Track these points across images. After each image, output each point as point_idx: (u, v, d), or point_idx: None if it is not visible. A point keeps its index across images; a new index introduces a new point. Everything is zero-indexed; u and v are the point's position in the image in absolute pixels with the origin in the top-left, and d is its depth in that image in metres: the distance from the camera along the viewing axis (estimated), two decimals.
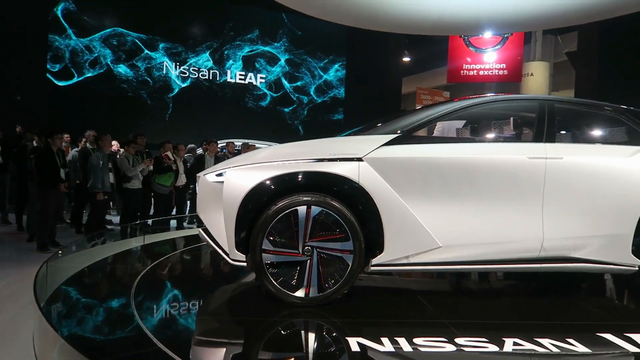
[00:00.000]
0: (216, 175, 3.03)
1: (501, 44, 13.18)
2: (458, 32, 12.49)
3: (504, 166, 3.04)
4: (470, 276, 4.11)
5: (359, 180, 2.87)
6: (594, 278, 4.08)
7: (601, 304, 3.52)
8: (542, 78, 14.59)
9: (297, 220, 2.86)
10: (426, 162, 2.98)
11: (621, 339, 2.60)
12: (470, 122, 3.68)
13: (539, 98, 3.58)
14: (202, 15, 14.40)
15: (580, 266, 3.14)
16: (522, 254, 3.06)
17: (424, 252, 2.94)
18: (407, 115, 3.52)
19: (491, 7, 9.27)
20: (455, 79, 14.03)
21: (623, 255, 3.12)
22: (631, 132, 3.40)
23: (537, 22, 10.44)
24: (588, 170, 3.12)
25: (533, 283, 4.00)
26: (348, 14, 10.00)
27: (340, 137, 3.20)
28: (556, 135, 3.25)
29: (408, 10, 9.47)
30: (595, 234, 3.10)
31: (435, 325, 2.75)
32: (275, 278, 2.87)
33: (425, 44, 16.80)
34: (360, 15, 10.08)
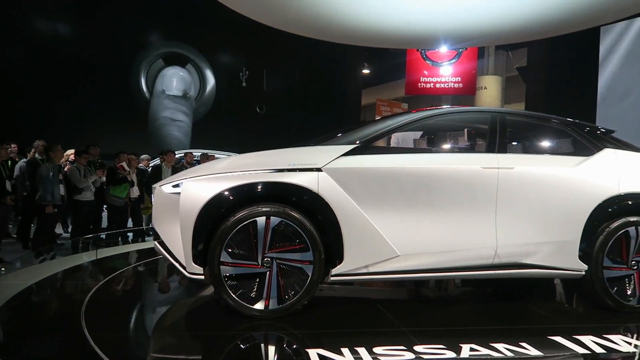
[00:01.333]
0: (172, 186, 2.96)
1: (456, 58, 13.65)
2: (415, 46, 12.85)
3: (459, 176, 3.13)
4: (429, 284, 4.18)
5: (318, 191, 2.87)
6: (545, 283, 4.24)
7: (552, 308, 3.66)
8: (495, 91, 15.20)
9: (256, 231, 2.82)
10: (384, 172, 3.02)
11: (570, 341, 2.71)
12: (427, 132, 3.78)
13: (491, 110, 3.72)
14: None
15: (531, 272, 3.26)
16: (477, 261, 3.15)
17: (383, 261, 2.97)
18: (365, 125, 3.57)
19: (446, 22, 9.60)
20: (413, 91, 14.40)
21: (571, 260, 3.26)
22: (576, 143, 3.58)
23: (489, 38, 10.90)
24: (537, 180, 3.26)
25: (488, 289, 4.11)
26: (307, 25, 10.10)
27: (300, 148, 3.20)
28: (507, 146, 3.38)
29: (366, 24, 9.67)
30: (545, 241, 3.22)
31: (394, 333, 2.77)
32: (234, 291, 2.81)
33: (384, 57, 17.17)
34: (320, 28, 10.21)
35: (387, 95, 19.78)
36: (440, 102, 15.17)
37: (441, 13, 8.94)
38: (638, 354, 2.65)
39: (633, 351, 2.66)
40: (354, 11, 9.09)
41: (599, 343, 2.70)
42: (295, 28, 10.62)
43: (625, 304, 3.29)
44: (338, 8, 8.95)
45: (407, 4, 8.68)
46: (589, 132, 3.60)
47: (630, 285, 3.32)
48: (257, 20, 10.67)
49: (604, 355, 2.59)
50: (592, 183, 3.33)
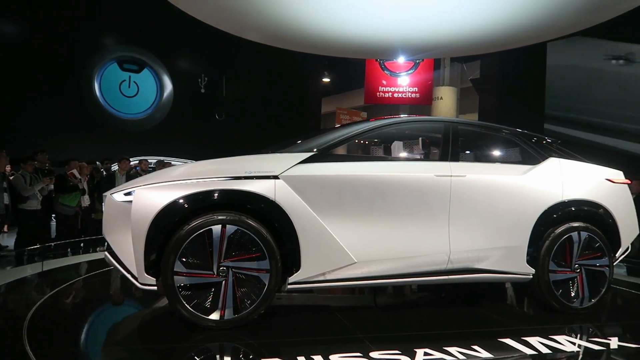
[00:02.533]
0: (124, 194, 2.87)
1: (413, 69, 14.00)
2: (374, 56, 13.09)
3: (414, 183, 3.20)
4: (387, 290, 4.24)
5: (275, 198, 2.86)
6: (496, 287, 4.39)
7: (502, 311, 3.79)
8: (450, 102, 15.66)
9: (212, 240, 2.78)
10: (341, 180, 3.04)
11: (519, 342, 2.81)
12: (383, 141, 3.85)
13: (445, 120, 3.83)
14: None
15: (483, 276, 3.37)
16: (432, 266, 3.22)
17: (340, 269, 2.99)
18: (323, 133, 3.59)
19: (403, 34, 9.84)
20: (372, 100, 14.64)
21: (519, 265, 3.40)
22: (524, 153, 3.75)
23: (444, 50, 11.27)
24: (488, 187, 3.38)
25: (443, 294, 4.21)
26: (267, 33, 10.10)
27: (257, 155, 3.18)
28: (460, 155, 3.49)
29: (326, 33, 9.77)
30: (495, 246, 3.34)
31: (351, 340, 2.78)
32: (188, 301, 2.75)
33: (344, 66, 17.37)
34: (279, 36, 10.23)
35: (347, 104, 20.01)
36: (399, 112, 15.50)
37: (398, 24, 9.16)
38: (582, 353, 2.78)
39: (577, 350, 2.79)
40: (314, 20, 9.17)
41: (545, 344, 2.82)
42: (254, 35, 10.59)
43: (570, 306, 3.45)
44: (297, 17, 9.01)
45: (365, 14, 8.84)
46: (536, 142, 3.78)
47: (573, 288, 3.49)
48: (216, 26, 10.56)
49: (550, 355, 2.70)
50: (539, 190, 3.49)
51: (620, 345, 2.90)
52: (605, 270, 3.55)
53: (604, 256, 3.54)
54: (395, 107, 15.84)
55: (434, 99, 15.11)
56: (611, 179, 3.76)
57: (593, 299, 3.50)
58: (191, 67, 15.23)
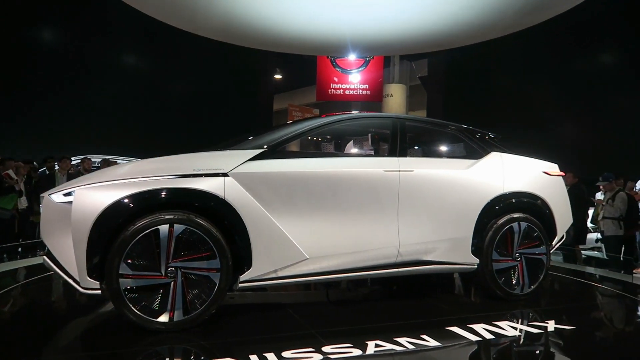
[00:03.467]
0: (63, 194, 2.73)
1: (364, 66, 14.20)
2: (325, 53, 13.16)
3: (364, 179, 3.25)
4: (340, 284, 4.28)
5: (224, 196, 2.82)
6: (445, 277, 4.54)
7: (450, 300, 3.93)
8: (400, 99, 16.02)
9: (159, 240, 2.70)
10: (291, 177, 3.04)
11: (465, 330, 2.93)
12: (333, 137, 3.88)
13: (392, 116, 3.91)
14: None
15: (431, 268, 3.47)
16: (382, 260, 3.29)
17: (292, 265, 2.99)
18: (273, 130, 3.58)
19: (353, 31, 9.95)
20: (324, 97, 14.73)
21: (465, 255, 3.53)
22: (468, 147, 3.89)
23: (393, 47, 11.50)
24: (434, 181, 3.49)
25: (394, 287, 4.31)
26: (216, 28, 9.91)
27: (205, 153, 3.12)
28: (408, 150, 3.57)
29: (276, 29, 9.71)
30: (443, 238, 3.46)
31: (304, 336, 2.79)
32: (135, 304, 2.66)
33: (296, 63, 17.35)
34: (229, 31, 10.07)
35: (299, 101, 20.00)
36: (351, 108, 15.67)
37: (348, 22, 9.25)
38: (522, 337, 2.93)
39: (518, 335, 2.94)
40: (264, 16, 9.09)
41: (489, 330, 2.95)
42: (204, 31, 10.36)
43: (512, 293, 3.63)
44: (247, 12, 8.90)
45: (316, 11, 8.86)
46: (480, 138, 3.93)
47: (515, 276, 3.67)
48: (165, 21, 10.25)
49: (494, 340, 2.83)
50: (482, 183, 3.64)
51: (556, 327, 3.08)
52: (543, 257, 3.76)
53: (542, 245, 3.75)
54: (347, 104, 16.01)
55: (384, 96, 15.40)
56: (547, 171, 3.98)
57: (532, 286, 3.70)
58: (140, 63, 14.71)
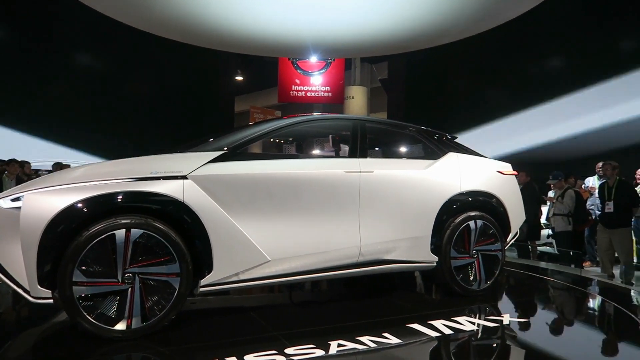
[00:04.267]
0: (11, 200, 2.60)
1: (325, 68, 14.29)
2: (286, 55, 13.15)
3: (325, 180, 3.27)
4: (303, 285, 4.28)
5: (183, 199, 2.77)
6: (407, 275, 4.63)
7: (411, 298, 4.01)
8: (361, 101, 16.22)
9: (115, 245, 2.62)
10: (252, 178, 3.03)
11: (425, 326, 2.99)
12: (295, 139, 3.88)
13: (353, 118, 3.96)
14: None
15: (392, 267, 3.54)
16: (344, 260, 3.32)
17: (254, 268, 2.97)
18: (234, 132, 3.55)
19: (314, 33, 10.00)
20: (285, 99, 14.71)
21: (424, 253, 3.62)
22: (426, 148, 3.99)
23: (353, 50, 11.64)
24: (394, 182, 3.55)
25: (357, 286, 4.35)
26: (174, 28, 9.71)
27: (163, 155, 3.05)
28: (368, 151, 3.62)
29: (236, 30, 9.63)
30: (403, 237, 3.53)
31: (266, 339, 2.78)
32: (90, 312, 2.56)
33: (257, 64, 17.24)
34: (187, 31, 9.89)
35: (261, 103, 19.89)
36: (313, 110, 15.73)
37: (309, 24, 9.29)
38: (480, 331, 3.03)
39: (475, 329, 3.04)
40: (223, 17, 8.99)
41: (448, 325, 3.03)
42: (160, 30, 10.13)
43: (469, 289, 3.75)
44: (205, 13, 8.77)
45: (276, 12, 8.84)
46: (437, 139, 4.04)
47: (472, 272, 3.78)
48: (119, 20, 9.96)
49: (453, 336, 2.91)
50: (440, 183, 3.74)
51: (511, 320, 3.21)
52: (499, 254, 3.89)
53: (497, 241, 3.89)
54: (309, 106, 16.06)
55: (346, 98, 15.54)
56: (501, 171, 4.13)
57: (489, 281, 3.83)
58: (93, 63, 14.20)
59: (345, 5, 8.27)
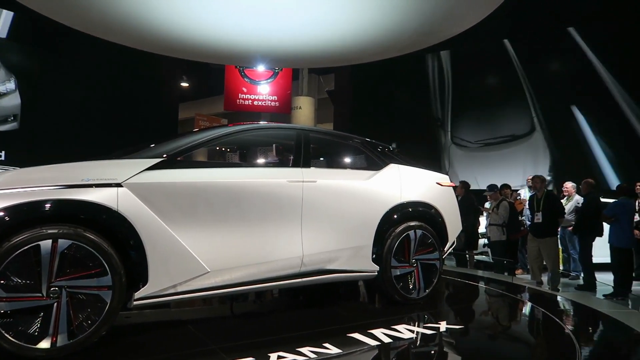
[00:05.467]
0: None
1: (273, 77, 14.26)
2: (232, 62, 13.01)
3: (267, 189, 3.24)
4: (246, 296, 4.20)
5: (117, 208, 2.64)
6: (350, 285, 4.66)
7: (352, 308, 4.04)
8: (309, 111, 16.30)
9: (40, 257, 2.44)
10: (192, 187, 2.94)
11: (366, 336, 3.02)
12: (238, 147, 3.83)
13: (297, 128, 3.97)
14: None
15: (334, 277, 3.55)
16: (286, 270, 3.29)
17: (193, 279, 2.88)
18: (175, 139, 3.45)
19: (263, 42, 9.97)
20: (232, 107, 14.51)
21: (366, 263, 3.66)
22: (369, 159, 4.06)
23: (300, 60, 11.72)
24: (337, 192, 3.58)
25: (300, 296, 4.33)
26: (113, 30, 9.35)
27: (97, 161, 2.90)
28: (311, 161, 3.63)
29: (181, 35, 9.42)
30: (345, 247, 3.55)
31: (204, 353, 2.69)
32: (9, 330, 2.37)
33: (204, 71, 16.92)
34: (129, 34, 9.56)
35: (206, 110, 19.50)
36: (260, 119, 15.62)
37: (256, 32, 9.27)
38: (417, 338, 3.10)
39: (414, 337, 3.10)
40: (167, 20, 8.77)
41: (388, 334, 3.08)
42: (99, 31, 9.71)
43: (409, 297, 3.83)
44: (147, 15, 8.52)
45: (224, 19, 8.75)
46: (379, 150, 4.13)
47: (411, 281, 3.87)
48: (56, 19, 9.44)
49: (392, 344, 2.95)
50: (381, 193, 3.81)
51: (447, 327, 3.31)
52: (437, 263, 4.02)
53: (435, 250, 4.01)
54: (256, 115, 15.94)
55: (293, 108, 15.57)
56: (440, 182, 4.28)
57: (427, 289, 3.93)
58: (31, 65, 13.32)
59: (292, 16, 8.33)
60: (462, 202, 7.75)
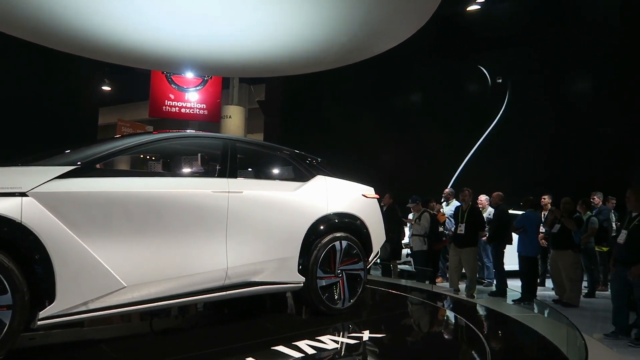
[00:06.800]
0: None
1: (202, 85, 13.94)
2: (159, 68, 12.55)
3: (191, 200, 3.14)
4: (170, 311, 4.01)
5: (21, 219, 2.43)
6: (278, 297, 4.62)
7: (278, 320, 4.01)
8: (239, 121, 16.11)
9: None
10: (108, 197, 2.78)
11: (290, 348, 3.00)
12: (161, 156, 3.69)
13: (223, 137, 3.90)
14: None
15: (260, 289, 3.50)
16: (210, 283, 3.20)
17: (107, 295, 2.70)
18: (92, 145, 3.25)
19: (191, 49, 9.71)
20: (158, 113, 13.96)
21: (292, 274, 3.66)
22: (296, 171, 4.08)
23: (229, 70, 11.57)
24: (263, 203, 3.55)
25: (225, 310, 4.22)
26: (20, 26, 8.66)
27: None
28: (238, 172, 3.58)
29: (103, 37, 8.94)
30: (271, 259, 3.52)
31: None
32: None
33: (128, 75, 16.13)
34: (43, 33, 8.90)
35: (130, 116, 18.63)
36: (188, 128, 15.15)
37: (184, 38, 9.01)
38: (341, 348, 3.13)
39: (337, 347, 3.14)
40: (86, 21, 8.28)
41: (312, 345, 3.08)
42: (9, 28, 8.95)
43: (334, 308, 3.87)
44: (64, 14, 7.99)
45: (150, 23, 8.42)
46: (306, 162, 4.16)
47: (337, 291, 3.92)
48: None
49: (316, 355, 2.96)
50: (308, 205, 3.84)
51: (370, 336, 3.38)
52: (361, 273, 4.10)
53: (360, 261, 4.09)
54: (185, 123, 15.45)
55: (223, 117, 15.32)
56: (365, 194, 4.40)
57: (352, 299, 4.00)
58: None
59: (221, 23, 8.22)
60: (387, 212, 8.04)
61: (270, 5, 7.55)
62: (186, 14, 7.91)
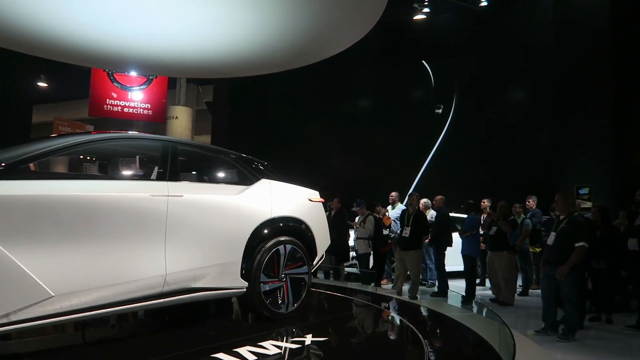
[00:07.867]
0: None
1: (146, 84, 13.48)
2: (100, 66, 12.01)
3: (127, 204, 3.01)
4: (106, 320, 3.83)
5: None
6: (222, 302, 4.53)
7: (221, 326, 3.93)
8: (186, 122, 15.68)
9: None
10: (34, 201, 2.61)
11: (230, 355, 2.95)
12: (97, 157, 3.52)
13: (163, 139, 3.77)
14: None
15: (201, 295, 3.42)
16: (147, 291, 3.08)
17: (32, 306, 2.54)
18: (21, 145, 3.05)
19: (135, 47, 9.36)
20: (98, 113, 13.34)
21: (234, 279, 3.60)
22: (240, 174, 4.03)
23: (172, 70, 11.26)
24: (205, 207, 3.47)
25: (166, 317, 4.09)
26: None
27: None
28: (179, 175, 3.48)
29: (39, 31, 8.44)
30: (212, 264, 3.45)
31: None
32: None
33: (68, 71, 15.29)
34: None
35: (68, 114, 17.70)
36: (132, 127, 14.58)
37: (127, 35, 8.69)
38: (284, 353, 3.11)
39: (279, 352, 3.11)
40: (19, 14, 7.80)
41: (253, 351, 3.04)
42: None
43: (277, 312, 3.84)
44: None
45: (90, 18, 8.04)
46: (251, 165, 4.11)
47: (280, 295, 3.90)
48: None
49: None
50: (251, 209, 3.80)
51: (313, 340, 3.38)
52: (306, 277, 4.10)
53: (304, 265, 4.09)
54: (128, 123, 14.86)
55: (169, 118, 14.87)
56: (311, 198, 4.41)
57: (296, 304, 3.99)
58: None
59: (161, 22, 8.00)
60: (336, 216, 8.12)
61: (211, 6, 7.45)
62: (124, 10, 7.63)
